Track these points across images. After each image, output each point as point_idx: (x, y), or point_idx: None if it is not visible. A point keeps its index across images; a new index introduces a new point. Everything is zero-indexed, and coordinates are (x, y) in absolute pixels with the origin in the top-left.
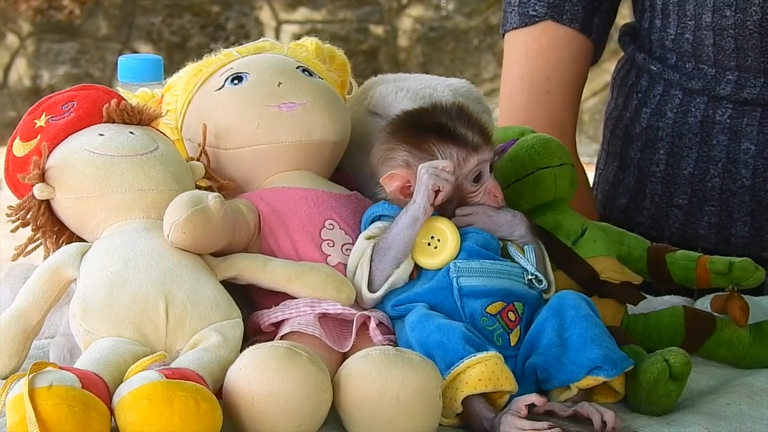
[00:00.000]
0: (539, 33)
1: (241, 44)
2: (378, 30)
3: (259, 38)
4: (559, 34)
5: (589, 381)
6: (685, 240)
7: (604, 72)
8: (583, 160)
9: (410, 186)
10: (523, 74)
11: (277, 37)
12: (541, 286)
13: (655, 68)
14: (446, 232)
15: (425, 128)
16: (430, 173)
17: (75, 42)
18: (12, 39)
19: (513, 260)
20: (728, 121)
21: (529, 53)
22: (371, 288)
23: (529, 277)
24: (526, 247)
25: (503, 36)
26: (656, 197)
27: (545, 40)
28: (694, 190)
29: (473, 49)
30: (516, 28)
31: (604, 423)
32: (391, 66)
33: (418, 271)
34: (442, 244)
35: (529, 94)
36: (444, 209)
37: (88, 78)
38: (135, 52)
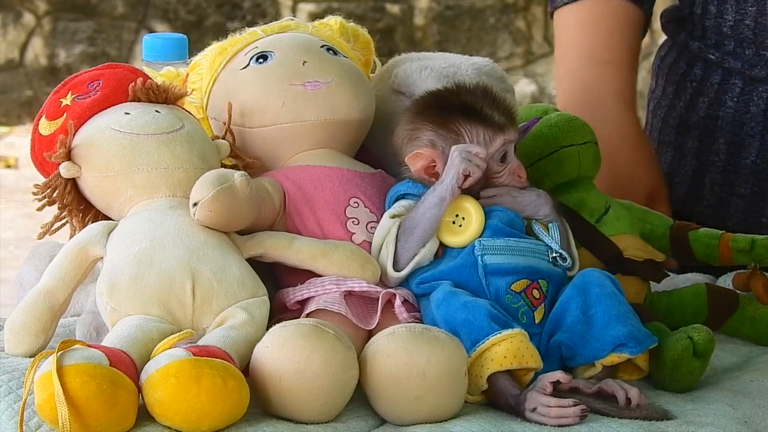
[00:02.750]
0: (591, 6)
1: (257, 23)
2: (394, 9)
3: (275, 18)
4: (612, 5)
5: (614, 358)
6: (748, 229)
7: None
8: None
9: (435, 166)
10: (582, 45)
11: (293, 16)
12: (565, 264)
13: (713, 56)
14: (471, 211)
15: (452, 108)
16: (463, 156)
17: (91, 21)
18: (28, 18)
19: (537, 238)
20: None
21: (586, 25)
22: (396, 267)
23: (554, 254)
24: (550, 224)
25: (552, 15)
26: (716, 187)
27: (599, 12)
28: (757, 179)
29: (489, 28)
30: (567, 4)
31: (628, 400)
32: (407, 45)
33: (442, 249)
34: (467, 223)
35: (589, 66)
36: (469, 188)
37: (105, 57)
38: (151, 31)
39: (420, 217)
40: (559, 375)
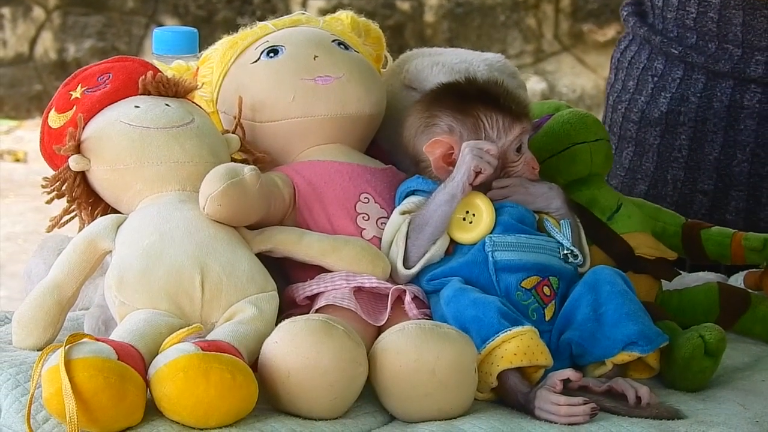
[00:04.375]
0: None
1: (267, 19)
2: (404, 5)
3: (285, 13)
4: None
5: (624, 357)
6: None
7: None
8: None
9: (452, 153)
10: None
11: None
12: (576, 261)
13: (675, 51)
14: (481, 207)
15: (470, 96)
16: (474, 153)
17: (101, 15)
18: (38, 12)
19: (549, 235)
20: (758, 105)
21: None
22: (407, 264)
23: (565, 251)
24: (561, 221)
25: None
26: (679, 183)
27: None
28: (720, 176)
29: (500, 26)
30: None
31: (638, 399)
32: (417, 42)
33: (453, 245)
34: (478, 219)
35: None
36: (480, 184)
37: (114, 52)
38: (161, 25)
39: (431, 214)
40: (569, 373)
